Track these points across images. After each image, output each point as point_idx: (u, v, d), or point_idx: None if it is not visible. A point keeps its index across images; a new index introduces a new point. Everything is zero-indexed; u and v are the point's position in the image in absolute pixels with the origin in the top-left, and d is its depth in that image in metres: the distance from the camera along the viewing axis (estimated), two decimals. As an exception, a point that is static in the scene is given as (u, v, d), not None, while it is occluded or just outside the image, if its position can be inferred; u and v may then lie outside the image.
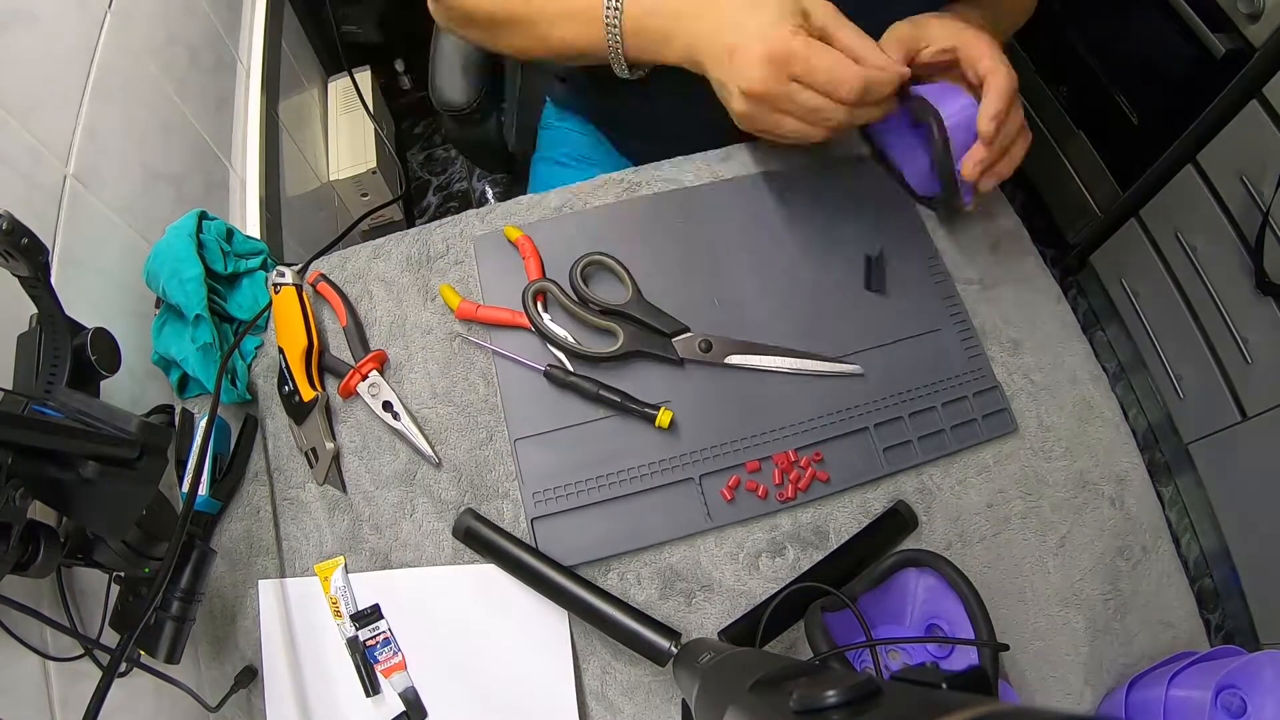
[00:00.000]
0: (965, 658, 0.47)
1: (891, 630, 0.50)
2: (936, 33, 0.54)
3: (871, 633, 0.50)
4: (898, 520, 0.52)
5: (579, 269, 0.57)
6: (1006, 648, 0.42)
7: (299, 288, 0.58)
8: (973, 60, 0.52)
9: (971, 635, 0.45)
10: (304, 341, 0.55)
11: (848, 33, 0.50)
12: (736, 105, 0.51)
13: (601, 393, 0.54)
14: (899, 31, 0.55)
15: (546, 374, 0.55)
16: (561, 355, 0.56)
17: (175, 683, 0.46)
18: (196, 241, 0.58)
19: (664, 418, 0.53)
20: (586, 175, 0.66)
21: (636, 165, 0.66)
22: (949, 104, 0.53)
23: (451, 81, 0.82)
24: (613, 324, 0.56)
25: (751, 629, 0.48)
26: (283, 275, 0.58)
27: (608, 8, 0.54)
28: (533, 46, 0.61)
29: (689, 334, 0.56)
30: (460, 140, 0.88)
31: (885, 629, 0.50)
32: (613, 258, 0.58)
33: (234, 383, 0.56)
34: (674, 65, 0.54)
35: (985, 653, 0.43)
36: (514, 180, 1.00)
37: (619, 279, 0.58)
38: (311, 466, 0.55)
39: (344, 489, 0.55)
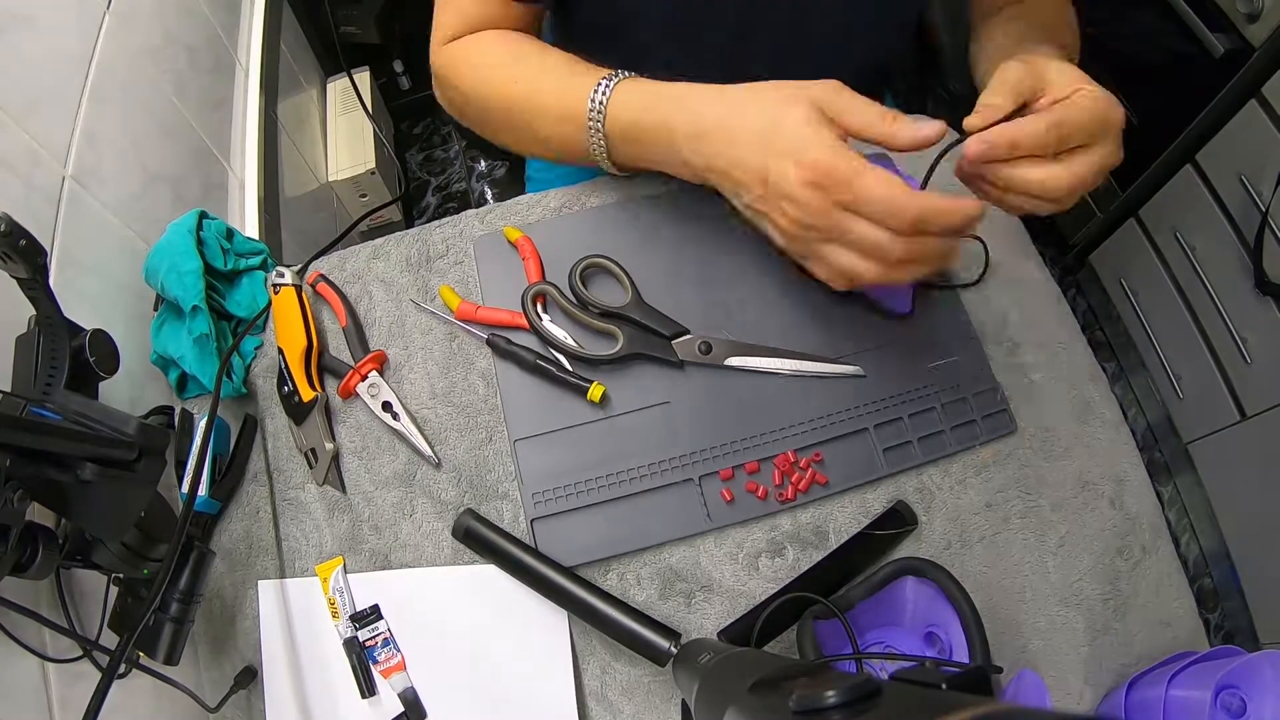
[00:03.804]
0: (964, 656, 0.47)
1: (888, 634, 0.50)
2: (1055, 79, 0.46)
3: (867, 636, 0.50)
4: (897, 520, 0.52)
5: (578, 271, 0.57)
6: (1000, 670, 0.41)
7: (298, 288, 0.58)
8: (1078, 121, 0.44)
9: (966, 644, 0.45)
10: (303, 342, 0.55)
11: (870, 114, 0.43)
12: (779, 240, 0.47)
13: (539, 363, 0.54)
14: (1011, 74, 0.46)
15: (489, 342, 0.56)
16: (562, 358, 0.56)
17: (174, 684, 0.46)
18: (196, 239, 0.58)
19: (595, 391, 0.53)
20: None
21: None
22: None
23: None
24: (612, 326, 0.56)
25: (751, 630, 0.48)
26: (282, 276, 0.58)
27: (591, 110, 0.51)
28: (526, 143, 0.60)
29: (689, 336, 0.56)
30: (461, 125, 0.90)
31: (882, 632, 0.50)
32: (612, 260, 0.58)
33: (229, 376, 0.55)
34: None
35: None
36: (513, 166, 1.00)
37: (618, 281, 0.57)
38: (311, 467, 0.55)
39: (343, 489, 0.55)
